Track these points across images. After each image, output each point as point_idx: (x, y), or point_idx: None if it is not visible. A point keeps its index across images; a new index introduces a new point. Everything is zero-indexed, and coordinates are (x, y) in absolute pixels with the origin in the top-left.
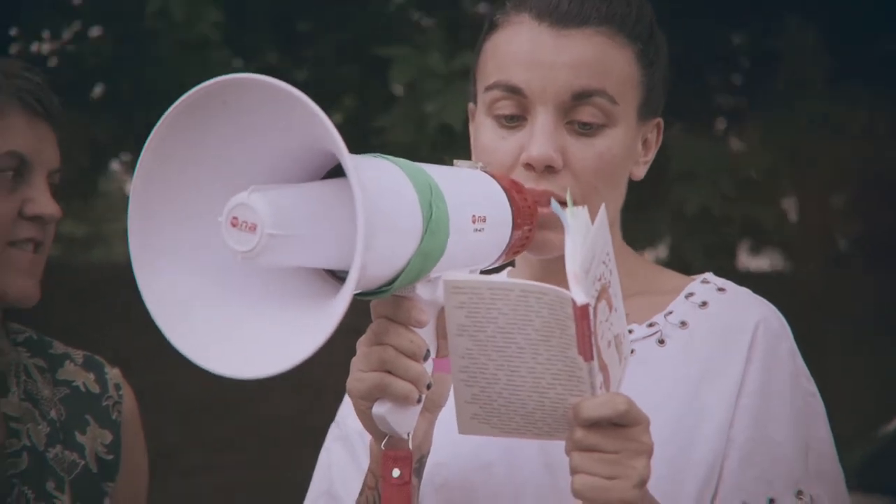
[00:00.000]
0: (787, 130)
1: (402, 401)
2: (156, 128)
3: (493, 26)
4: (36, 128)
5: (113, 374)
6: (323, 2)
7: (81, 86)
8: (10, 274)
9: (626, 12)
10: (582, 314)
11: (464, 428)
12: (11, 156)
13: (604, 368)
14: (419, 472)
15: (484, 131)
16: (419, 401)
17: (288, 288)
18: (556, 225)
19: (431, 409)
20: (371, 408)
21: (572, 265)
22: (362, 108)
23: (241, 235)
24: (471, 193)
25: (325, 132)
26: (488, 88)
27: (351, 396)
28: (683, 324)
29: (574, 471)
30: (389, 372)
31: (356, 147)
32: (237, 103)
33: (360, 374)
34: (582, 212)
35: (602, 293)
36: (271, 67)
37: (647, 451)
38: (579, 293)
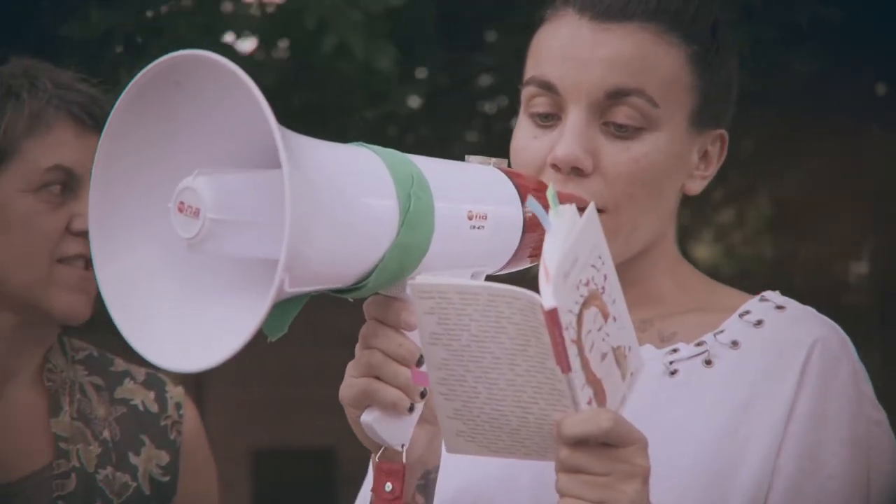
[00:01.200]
0: None
1: (390, 409)
2: (112, 111)
3: (540, 21)
4: (85, 141)
5: (175, 392)
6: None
7: None
8: (58, 290)
9: (681, 10)
10: (551, 319)
11: (450, 446)
12: (58, 170)
13: (595, 383)
14: (425, 489)
15: (519, 130)
16: (412, 410)
17: (247, 279)
18: None
19: (432, 421)
20: (361, 416)
21: (548, 267)
22: None
23: (187, 221)
24: (470, 189)
25: (258, 109)
26: (525, 84)
27: (342, 403)
28: (735, 343)
29: (560, 493)
30: (378, 378)
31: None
32: (189, 84)
33: (350, 379)
34: (568, 210)
35: (591, 299)
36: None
37: (641, 475)
38: (548, 296)
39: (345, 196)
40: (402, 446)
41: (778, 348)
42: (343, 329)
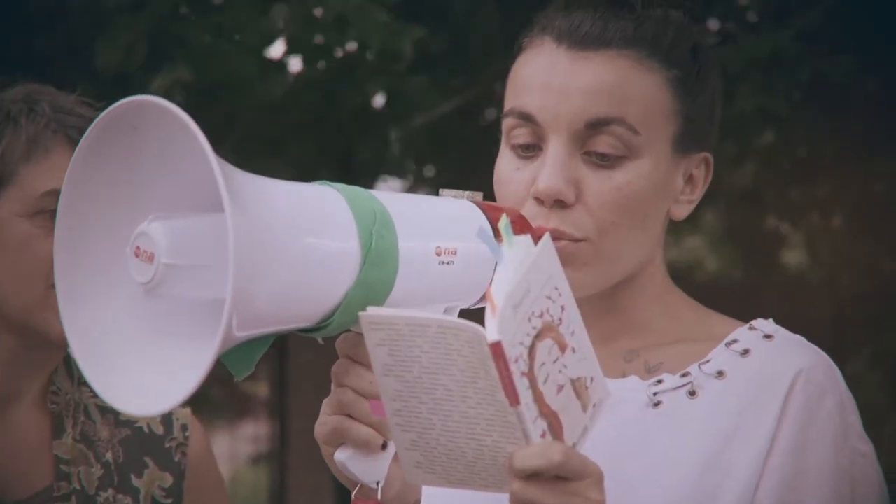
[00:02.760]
0: None
1: (363, 447)
2: (74, 156)
3: (519, 51)
4: None
5: (181, 414)
6: None
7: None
8: (55, 314)
9: (659, 35)
10: (496, 353)
11: (410, 477)
12: (54, 195)
13: (550, 415)
14: None
15: (501, 161)
16: (385, 447)
17: (208, 322)
18: (569, 263)
19: None
20: (334, 454)
21: (494, 299)
22: None
23: (142, 266)
24: (438, 224)
25: (202, 152)
26: (504, 116)
27: (317, 440)
28: (720, 374)
29: None
30: (349, 416)
31: None
32: (145, 128)
33: (324, 417)
34: (523, 241)
35: (545, 331)
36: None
37: None
38: (493, 330)
39: (298, 236)
40: (378, 483)
41: (762, 379)
42: None
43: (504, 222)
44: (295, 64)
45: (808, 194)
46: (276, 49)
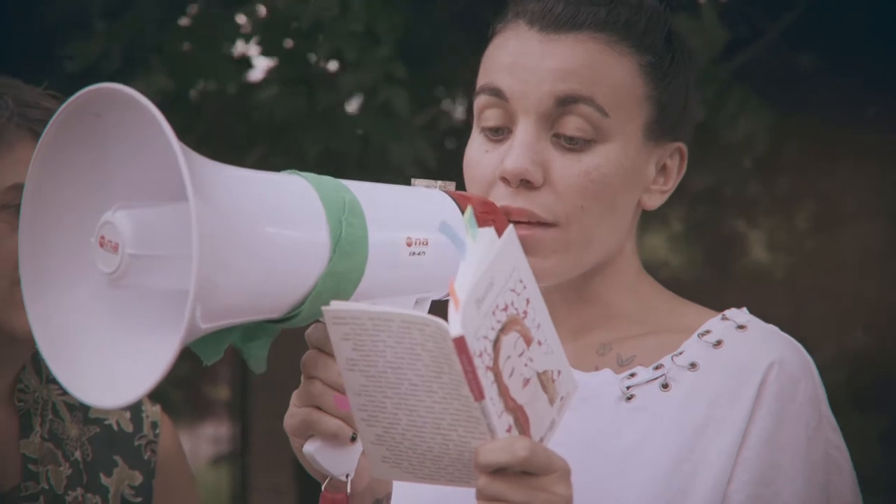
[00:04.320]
0: None
1: (331, 439)
2: (38, 146)
3: (492, 35)
4: None
5: (151, 411)
6: None
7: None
8: (20, 311)
9: (633, 20)
10: (459, 347)
11: (376, 472)
12: (18, 189)
13: (516, 409)
14: None
15: (472, 145)
16: (354, 439)
17: (173, 312)
18: (537, 250)
19: None
20: (303, 446)
21: (459, 293)
22: None
23: (107, 256)
24: (409, 214)
25: (166, 141)
26: (476, 95)
27: (287, 433)
28: (693, 366)
29: None
30: (318, 407)
31: None
32: (110, 117)
33: (293, 408)
34: (487, 234)
35: (510, 325)
36: None
37: (561, 503)
38: (456, 324)
39: (265, 225)
40: (347, 476)
41: (735, 370)
42: None
43: (468, 214)
44: (261, 66)
45: (769, 193)
46: (251, 52)
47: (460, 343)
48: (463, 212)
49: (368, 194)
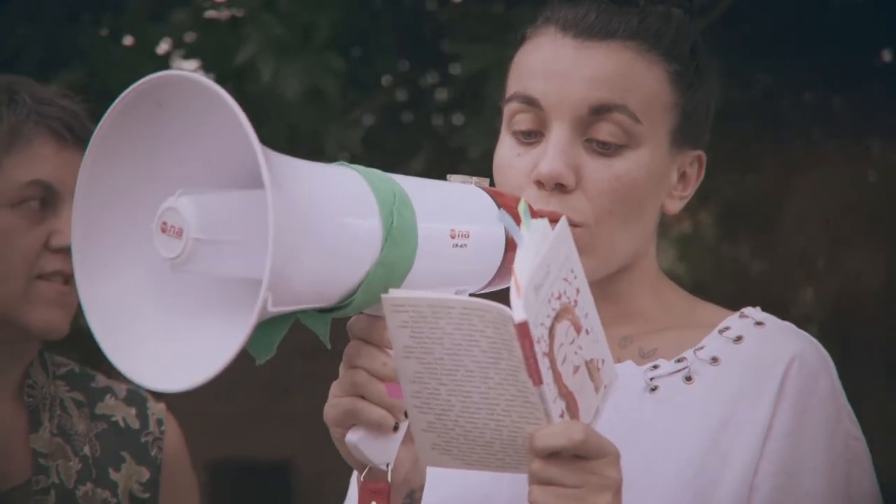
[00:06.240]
0: None
1: (375, 428)
2: (95, 132)
3: (521, 41)
4: (65, 156)
5: (156, 409)
6: None
7: None
8: (37, 306)
9: (662, 30)
10: (522, 332)
11: (425, 459)
12: (37, 185)
13: (568, 395)
14: None
15: (502, 147)
16: (396, 429)
17: (233, 299)
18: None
19: None
20: (345, 435)
21: (518, 280)
22: None
23: (169, 241)
24: (452, 207)
25: (241, 130)
26: (507, 101)
27: (327, 423)
28: (714, 360)
29: None
30: (362, 397)
31: None
32: (171, 104)
33: (334, 399)
34: (540, 224)
35: (563, 313)
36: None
37: (612, 487)
38: (519, 309)
39: (328, 215)
40: (387, 465)
41: (756, 365)
42: (298, 342)
43: (523, 206)
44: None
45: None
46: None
47: (523, 328)
48: (499, 207)
49: (413, 186)
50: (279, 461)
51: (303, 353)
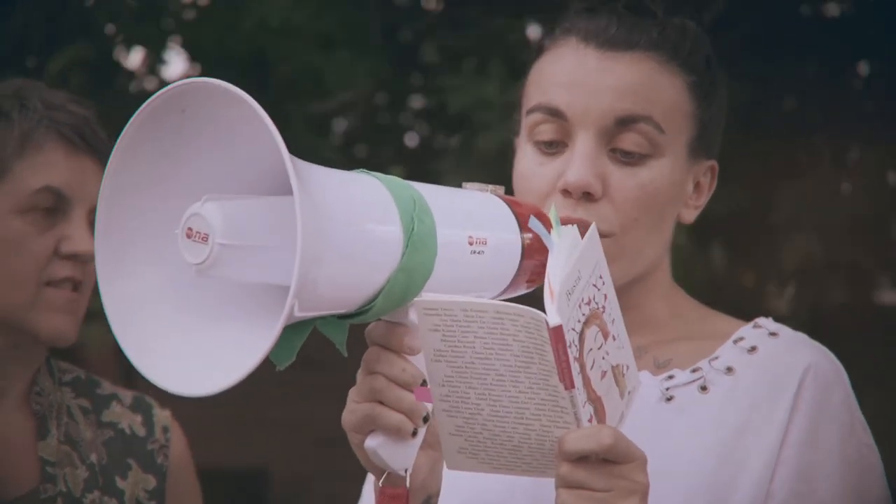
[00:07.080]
0: None
1: (394, 433)
2: (120, 138)
3: (540, 51)
4: (75, 162)
5: (162, 416)
6: None
7: None
8: (45, 313)
9: (680, 41)
10: (556, 337)
11: (451, 463)
12: (47, 191)
13: (596, 400)
14: None
15: (523, 157)
16: (415, 434)
17: (255, 305)
18: None
19: (434, 446)
20: (364, 441)
21: (552, 285)
22: None
23: (195, 246)
24: (469, 214)
25: (270, 138)
26: (530, 112)
27: (345, 428)
28: (729, 370)
29: None
30: (381, 402)
31: None
32: (198, 110)
33: (353, 404)
34: (570, 231)
35: (592, 318)
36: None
37: (640, 491)
38: (553, 314)
39: (351, 221)
40: (406, 471)
41: (771, 374)
42: None
43: (553, 213)
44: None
45: None
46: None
47: (558, 332)
48: (516, 215)
49: (432, 194)
50: (255, 468)
51: None
